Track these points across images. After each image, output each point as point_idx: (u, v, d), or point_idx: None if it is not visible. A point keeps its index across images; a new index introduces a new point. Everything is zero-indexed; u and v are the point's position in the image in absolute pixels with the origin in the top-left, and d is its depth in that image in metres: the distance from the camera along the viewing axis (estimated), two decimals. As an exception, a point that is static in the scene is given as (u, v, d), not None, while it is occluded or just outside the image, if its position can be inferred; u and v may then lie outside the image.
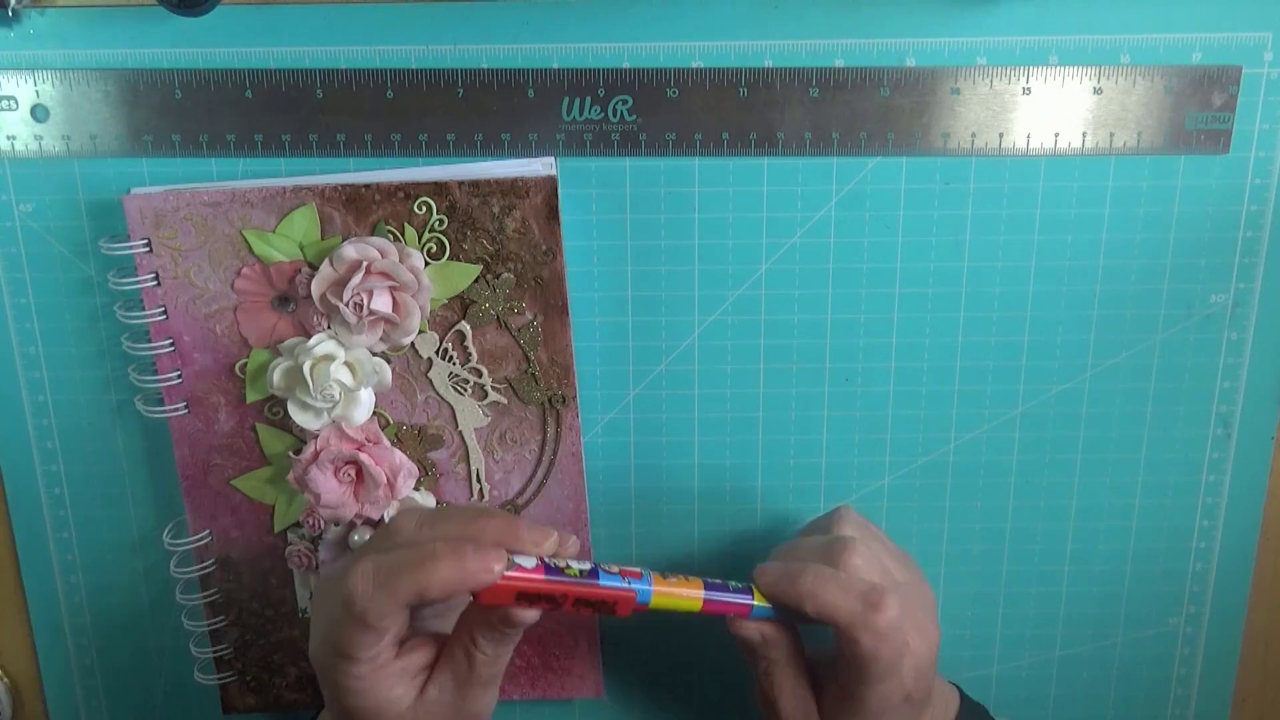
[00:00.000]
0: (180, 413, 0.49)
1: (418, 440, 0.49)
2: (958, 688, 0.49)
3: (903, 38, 0.46)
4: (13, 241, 0.49)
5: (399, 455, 0.49)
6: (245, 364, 0.48)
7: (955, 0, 0.46)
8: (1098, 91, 0.47)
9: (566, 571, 0.40)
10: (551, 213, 0.46)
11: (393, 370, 0.48)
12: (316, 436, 0.48)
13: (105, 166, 0.48)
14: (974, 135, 0.47)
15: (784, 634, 0.44)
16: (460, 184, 0.46)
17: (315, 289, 0.46)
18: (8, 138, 0.47)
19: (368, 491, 0.48)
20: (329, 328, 0.47)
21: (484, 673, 0.42)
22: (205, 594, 0.51)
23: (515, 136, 0.47)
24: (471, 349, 0.48)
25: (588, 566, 0.41)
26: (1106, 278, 0.49)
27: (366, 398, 0.48)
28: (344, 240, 0.46)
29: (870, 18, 0.46)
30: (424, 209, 0.46)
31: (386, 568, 0.39)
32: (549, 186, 0.46)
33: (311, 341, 0.47)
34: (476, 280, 0.47)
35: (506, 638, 0.41)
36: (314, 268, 0.46)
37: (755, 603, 0.43)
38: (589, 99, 0.47)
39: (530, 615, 0.40)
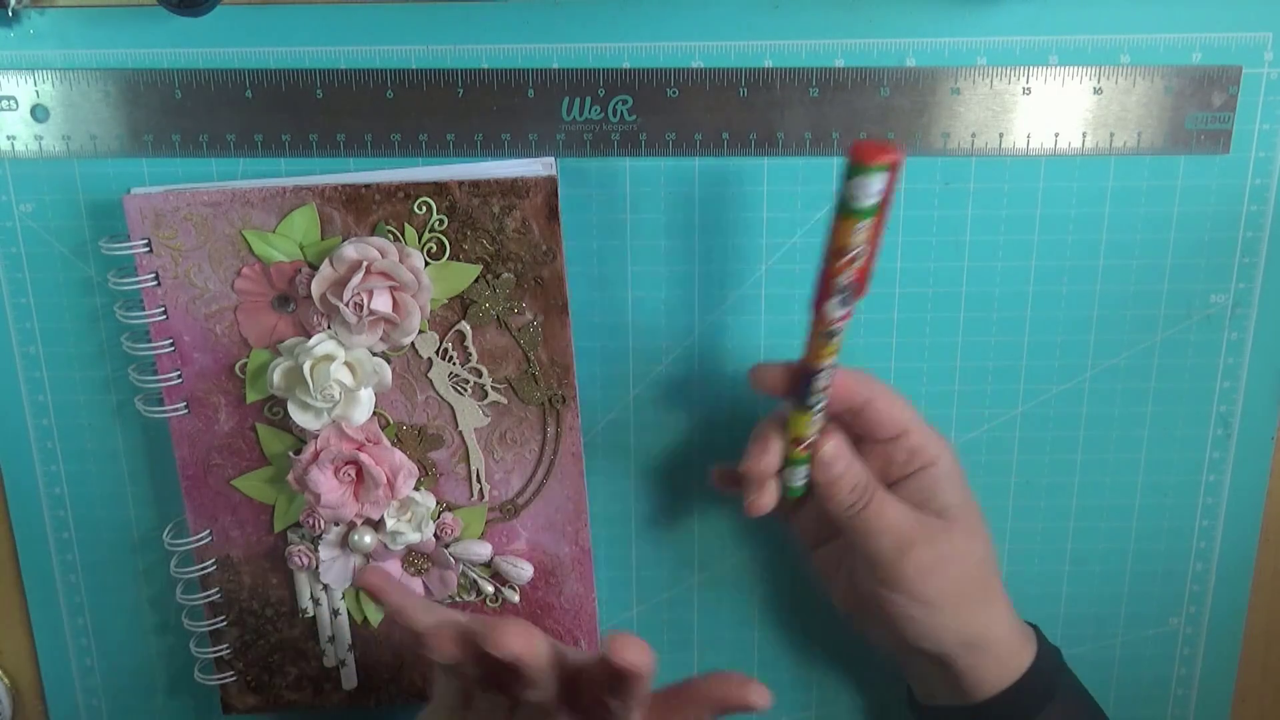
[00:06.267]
0: (180, 413, 0.49)
1: (418, 440, 0.49)
2: (1036, 628, 0.50)
3: (903, 38, 0.46)
4: (13, 241, 0.49)
5: (399, 455, 0.49)
6: (245, 364, 0.48)
7: (955, 0, 0.46)
8: (1098, 91, 0.47)
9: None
10: (551, 213, 0.46)
11: (393, 370, 0.48)
12: (316, 436, 0.48)
13: (105, 166, 0.48)
14: (974, 135, 0.47)
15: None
16: (460, 184, 0.46)
17: (315, 289, 0.46)
18: (8, 138, 0.47)
19: (368, 491, 0.48)
20: (329, 328, 0.47)
21: None
22: (205, 594, 0.51)
23: (515, 136, 0.47)
24: (471, 349, 0.48)
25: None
26: (1106, 278, 0.49)
27: (366, 398, 0.48)
28: (344, 240, 0.46)
29: (870, 18, 0.46)
30: (424, 209, 0.46)
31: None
32: (549, 186, 0.46)
33: (311, 341, 0.47)
34: (476, 280, 0.47)
35: None
36: (314, 268, 0.46)
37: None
38: (589, 99, 0.47)
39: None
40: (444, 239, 0.47)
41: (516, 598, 0.51)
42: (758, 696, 0.41)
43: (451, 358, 0.48)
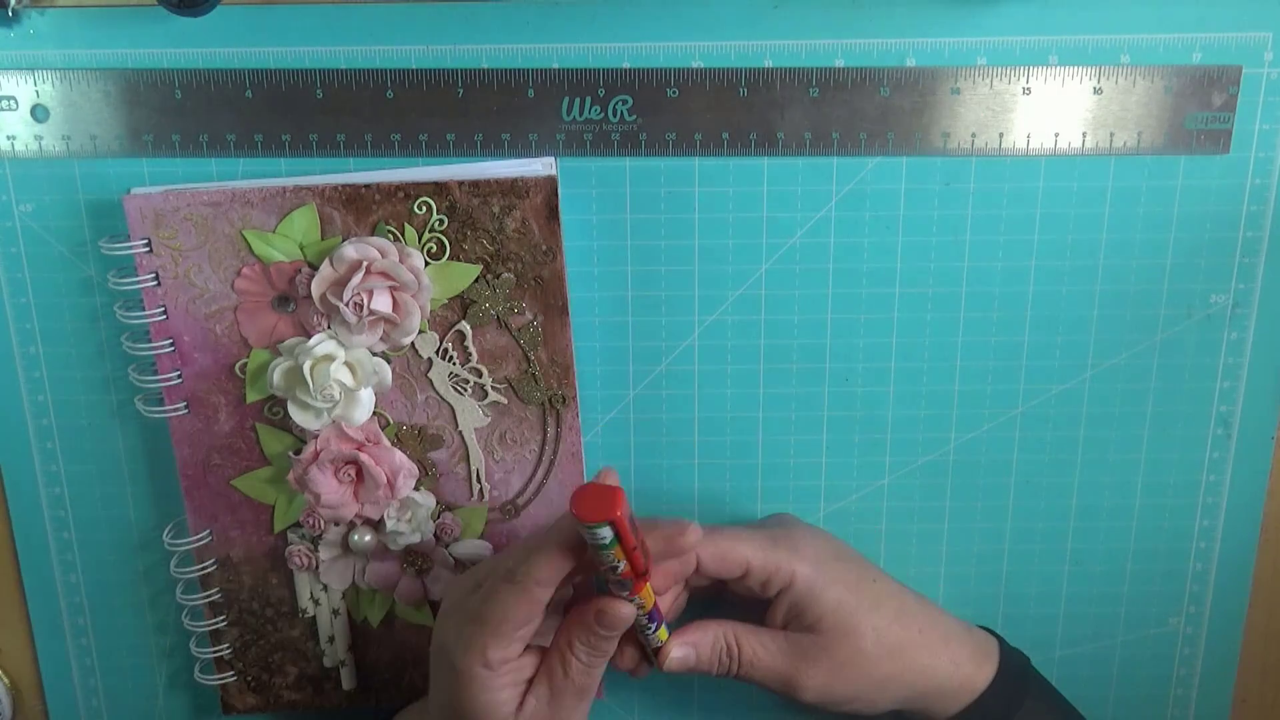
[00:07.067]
0: (180, 413, 0.49)
1: (418, 440, 0.49)
2: (997, 636, 0.51)
3: (903, 38, 0.46)
4: (13, 241, 0.49)
5: (399, 455, 0.49)
6: (245, 364, 0.48)
7: (955, 0, 0.46)
8: (1098, 91, 0.47)
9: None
10: (551, 213, 0.46)
11: (393, 370, 0.48)
12: (316, 436, 0.48)
13: (105, 166, 0.48)
14: (974, 135, 0.47)
15: (715, 624, 0.47)
16: (460, 184, 0.46)
17: (315, 289, 0.46)
18: (8, 138, 0.47)
19: (368, 491, 0.48)
20: (329, 328, 0.47)
21: (578, 681, 0.43)
22: (205, 594, 0.51)
23: (515, 136, 0.47)
24: (471, 349, 0.48)
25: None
26: (1106, 278, 0.49)
27: (366, 398, 0.48)
28: (344, 240, 0.46)
29: (870, 18, 0.46)
30: (424, 209, 0.46)
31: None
32: (549, 186, 0.46)
33: (311, 341, 0.47)
34: (476, 280, 0.47)
35: (602, 642, 0.43)
36: (314, 268, 0.46)
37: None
38: (589, 99, 0.47)
39: (626, 611, 0.42)
40: (444, 239, 0.47)
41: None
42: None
43: (451, 358, 0.48)
